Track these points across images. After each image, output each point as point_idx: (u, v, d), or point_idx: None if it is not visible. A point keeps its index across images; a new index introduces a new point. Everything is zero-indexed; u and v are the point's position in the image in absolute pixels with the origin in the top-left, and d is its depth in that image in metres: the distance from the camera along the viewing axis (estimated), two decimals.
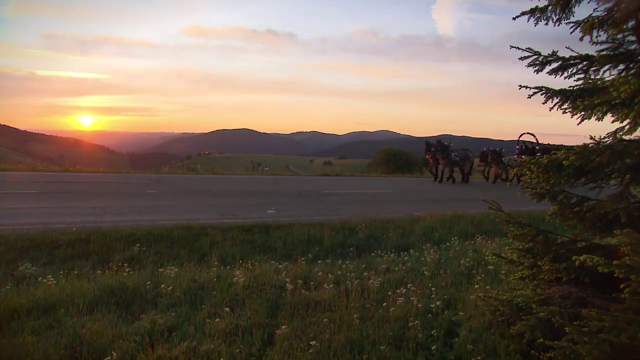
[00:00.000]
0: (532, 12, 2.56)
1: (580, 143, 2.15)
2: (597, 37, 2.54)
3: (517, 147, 16.70)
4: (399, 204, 9.13)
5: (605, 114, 1.77)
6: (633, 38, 1.89)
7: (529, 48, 2.32)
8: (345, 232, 5.99)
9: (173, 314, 2.84)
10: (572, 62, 2.17)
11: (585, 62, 2.16)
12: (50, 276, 3.21)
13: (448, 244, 5.47)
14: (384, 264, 4.46)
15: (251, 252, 5.03)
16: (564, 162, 2.05)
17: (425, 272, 4.03)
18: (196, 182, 10.05)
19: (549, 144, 16.06)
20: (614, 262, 1.61)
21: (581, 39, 2.62)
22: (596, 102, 1.72)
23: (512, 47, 2.76)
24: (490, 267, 4.04)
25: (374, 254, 4.82)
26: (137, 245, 4.69)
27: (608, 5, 2.31)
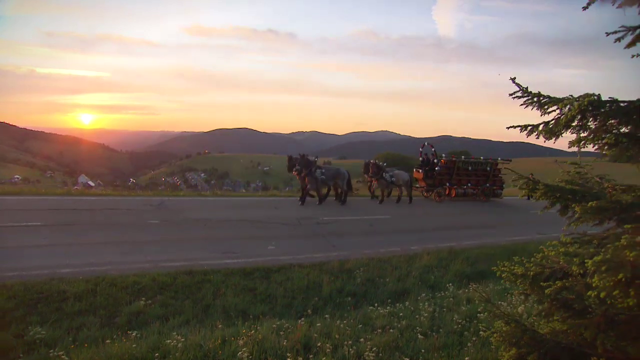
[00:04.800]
0: (525, 127, 2.73)
1: None
2: (584, 146, 2.72)
3: (420, 158, 15.70)
4: (396, 234, 9.31)
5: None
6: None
7: (520, 175, 2.49)
8: (343, 276, 6.16)
9: None
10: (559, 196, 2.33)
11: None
12: (61, 353, 3.36)
13: (443, 293, 5.65)
14: (379, 319, 4.64)
15: (252, 302, 5.19)
16: (546, 291, 2.21)
17: (419, 335, 4.19)
18: (196, 208, 10.20)
19: (453, 156, 15.42)
20: None
21: (569, 147, 2.80)
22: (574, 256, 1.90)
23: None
24: (481, 332, 4.20)
25: (371, 308, 4.97)
26: (143, 299, 4.85)
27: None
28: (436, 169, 14.80)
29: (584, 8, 2.14)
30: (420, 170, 15.12)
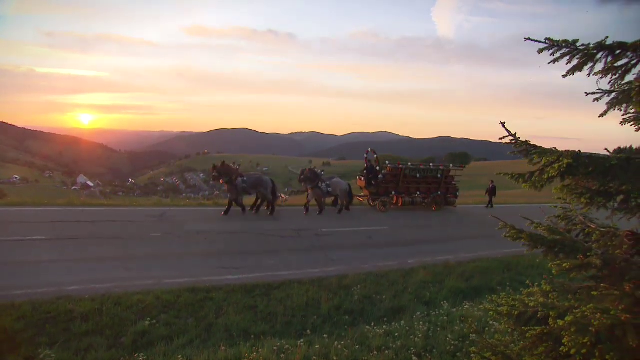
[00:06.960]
0: (513, 176, 2.93)
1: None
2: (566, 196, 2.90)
3: (365, 164, 14.79)
4: (393, 247, 9.49)
5: None
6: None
7: (505, 224, 2.67)
8: (341, 293, 6.33)
9: None
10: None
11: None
12: None
13: (438, 310, 5.83)
14: (376, 339, 4.82)
15: (254, 320, 5.36)
16: (527, 334, 2.39)
17: (414, 357, 4.37)
18: (197, 219, 10.36)
19: (399, 163, 14.68)
20: None
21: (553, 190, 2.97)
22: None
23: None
24: (472, 355, 4.38)
25: (367, 328, 5.15)
26: (148, 318, 5.02)
27: None
28: (379, 176, 13.98)
29: (564, 76, 2.32)
30: (362, 178, 14.33)
